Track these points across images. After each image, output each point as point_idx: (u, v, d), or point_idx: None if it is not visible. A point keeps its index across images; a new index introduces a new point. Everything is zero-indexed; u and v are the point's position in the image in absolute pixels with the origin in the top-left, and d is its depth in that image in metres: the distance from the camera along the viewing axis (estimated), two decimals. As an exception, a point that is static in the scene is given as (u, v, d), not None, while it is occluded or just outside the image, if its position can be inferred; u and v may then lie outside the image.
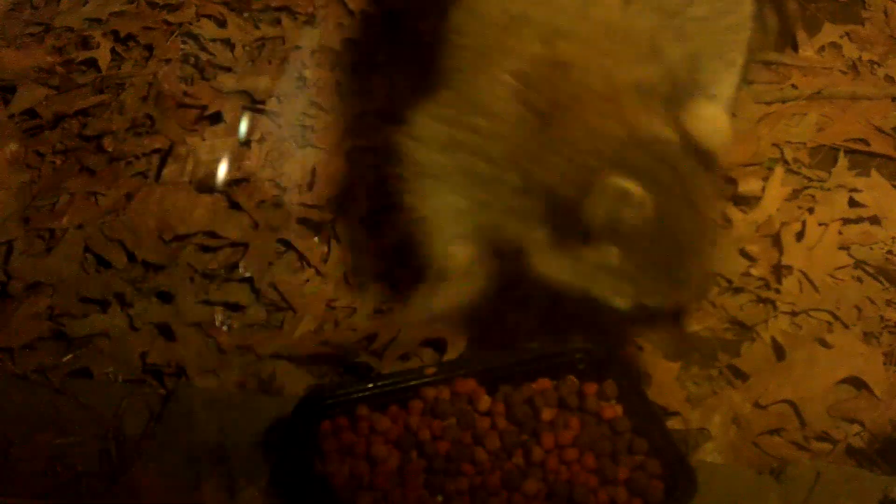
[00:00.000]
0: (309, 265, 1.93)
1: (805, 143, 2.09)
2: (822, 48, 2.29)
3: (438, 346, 1.79)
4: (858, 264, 1.89)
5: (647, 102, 1.45)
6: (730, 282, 1.85)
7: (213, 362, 1.78)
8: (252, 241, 1.95)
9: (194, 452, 1.58)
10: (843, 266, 1.88)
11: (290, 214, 2.00)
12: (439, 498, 1.46)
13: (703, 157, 1.44)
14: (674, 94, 1.48)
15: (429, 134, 1.56)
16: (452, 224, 1.58)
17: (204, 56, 2.30)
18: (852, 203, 1.98)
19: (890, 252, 1.93)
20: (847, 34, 2.35)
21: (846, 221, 1.94)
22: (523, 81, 1.47)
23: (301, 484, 1.50)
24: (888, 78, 2.27)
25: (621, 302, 1.47)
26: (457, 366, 1.62)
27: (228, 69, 2.28)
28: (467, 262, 1.59)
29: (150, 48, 2.32)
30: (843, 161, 2.06)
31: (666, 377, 1.71)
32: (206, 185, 2.04)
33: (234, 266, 1.92)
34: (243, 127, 2.14)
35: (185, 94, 2.22)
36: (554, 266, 1.49)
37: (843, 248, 1.90)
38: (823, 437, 1.68)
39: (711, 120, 1.45)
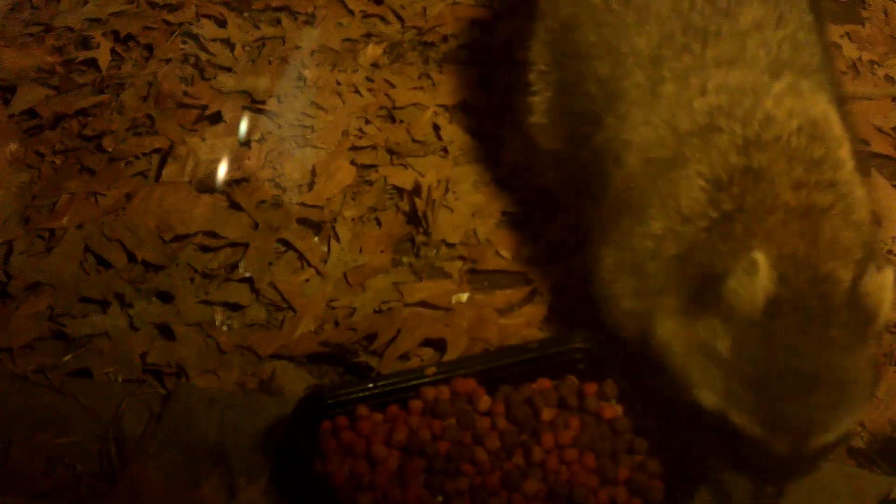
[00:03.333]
0: (309, 265, 1.93)
1: (805, 143, 2.08)
2: (822, 48, 2.29)
3: (438, 346, 1.79)
4: (858, 264, 1.89)
5: (833, 226, 1.43)
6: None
7: (213, 362, 1.78)
8: (252, 241, 1.95)
9: (194, 452, 1.58)
10: (843, 266, 1.88)
11: (290, 214, 2.00)
12: (439, 498, 1.46)
13: (864, 317, 1.36)
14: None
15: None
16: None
17: (204, 56, 2.30)
18: (852, 203, 1.98)
19: (890, 252, 1.93)
20: (847, 34, 2.35)
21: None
22: (716, 185, 1.48)
23: (301, 484, 1.50)
24: (888, 78, 2.27)
25: (707, 397, 1.39)
26: (457, 366, 1.62)
27: (228, 69, 2.28)
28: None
29: (150, 48, 2.32)
30: (843, 161, 2.06)
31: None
32: (206, 185, 2.04)
33: (234, 266, 1.92)
34: (243, 127, 2.14)
35: (185, 94, 2.22)
36: (668, 331, 1.44)
37: (844, 247, 1.90)
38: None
39: (889, 291, 1.37)
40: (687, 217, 1.49)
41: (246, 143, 2.12)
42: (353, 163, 2.10)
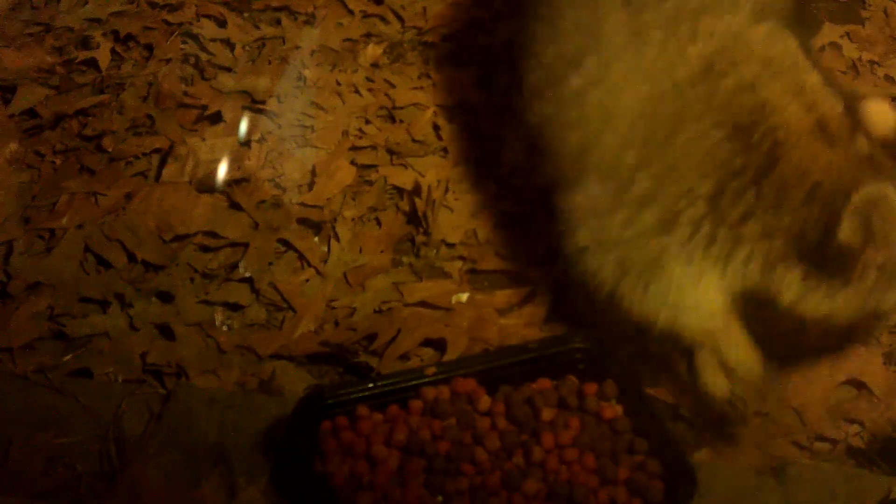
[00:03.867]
0: (309, 265, 1.93)
1: (805, 144, 2.08)
2: (822, 48, 2.29)
3: (438, 346, 1.79)
4: (858, 264, 1.89)
5: (842, 125, 1.46)
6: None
7: (213, 362, 1.78)
8: (252, 241, 1.95)
9: (194, 452, 1.58)
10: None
11: (290, 214, 2.00)
12: (439, 498, 1.46)
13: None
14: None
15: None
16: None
17: (204, 56, 2.30)
18: (852, 203, 1.98)
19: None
20: (847, 34, 2.35)
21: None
22: (738, 132, 1.48)
23: (301, 484, 1.50)
24: (888, 78, 2.27)
25: (889, 303, 1.48)
26: (457, 366, 1.62)
27: (228, 69, 2.28)
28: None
29: (150, 48, 2.32)
30: (843, 161, 2.06)
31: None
32: (206, 185, 2.04)
33: (234, 266, 1.92)
34: (243, 127, 2.14)
35: (185, 94, 2.22)
36: (824, 303, 1.47)
37: (843, 248, 1.90)
38: (823, 437, 1.68)
39: (885, 112, 1.44)
40: (729, 172, 1.47)
41: (246, 143, 2.12)
42: (353, 163, 2.10)
